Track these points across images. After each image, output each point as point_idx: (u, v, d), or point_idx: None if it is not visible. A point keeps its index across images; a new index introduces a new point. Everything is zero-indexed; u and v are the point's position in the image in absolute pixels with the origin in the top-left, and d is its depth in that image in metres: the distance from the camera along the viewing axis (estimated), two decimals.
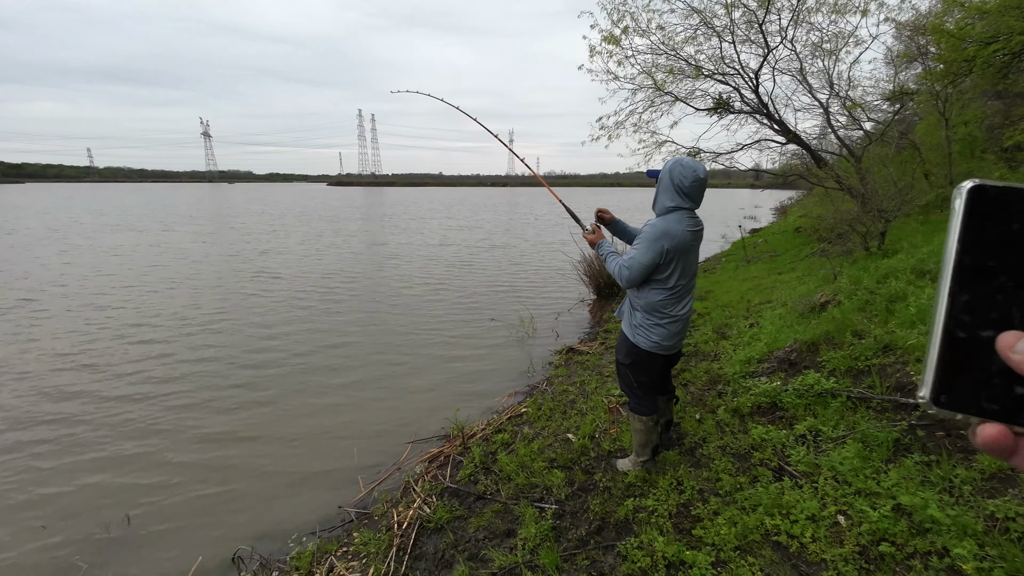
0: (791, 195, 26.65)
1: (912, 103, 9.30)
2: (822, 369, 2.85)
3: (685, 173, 2.02)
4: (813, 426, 2.43)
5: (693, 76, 8.63)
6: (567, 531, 2.19)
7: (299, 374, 4.90)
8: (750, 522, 1.90)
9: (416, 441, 3.66)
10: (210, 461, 3.46)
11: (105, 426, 3.89)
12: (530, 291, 8.47)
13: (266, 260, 11.66)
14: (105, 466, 3.39)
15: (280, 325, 6.52)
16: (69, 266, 10.46)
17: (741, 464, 2.38)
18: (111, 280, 9.13)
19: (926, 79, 7.92)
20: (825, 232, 6.38)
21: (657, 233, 2.02)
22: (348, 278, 9.62)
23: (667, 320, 2.14)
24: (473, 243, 14.99)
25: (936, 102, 8.48)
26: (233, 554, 2.58)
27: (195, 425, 3.91)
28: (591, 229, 2.35)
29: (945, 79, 6.73)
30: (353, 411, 4.17)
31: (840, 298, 3.63)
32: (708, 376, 3.56)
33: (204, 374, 4.88)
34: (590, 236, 2.33)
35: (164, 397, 4.37)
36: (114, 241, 14.74)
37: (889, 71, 9.64)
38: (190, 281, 9.16)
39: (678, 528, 2.02)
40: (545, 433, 3.24)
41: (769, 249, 9.65)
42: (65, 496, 3.11)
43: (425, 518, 2.52)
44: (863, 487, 1.92)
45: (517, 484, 2.66)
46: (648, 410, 2.34)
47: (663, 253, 2.01)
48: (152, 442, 3.68)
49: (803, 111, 9.39)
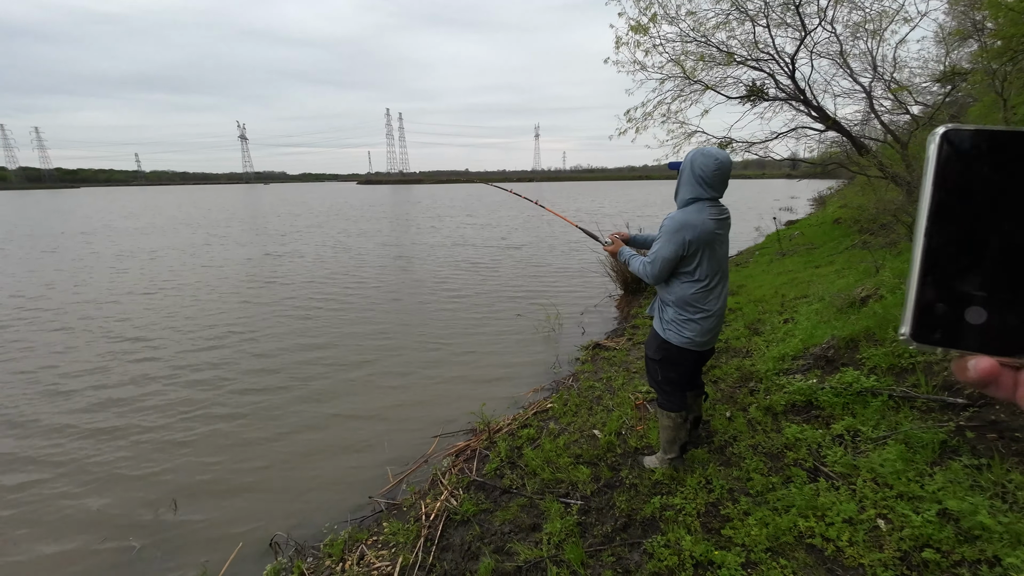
0: (830, 185, 25.45)
1: (965, 84, 8.70)
2: (862, 367, 2.72)
3: (707, 162, 1.98)
4: (851, 426, 2.33)
5: (724, 63, 8.34)
6: (592, 527, 2.18)
7: (331, 370, 5.05)
8: (782, 523, 1.85)
9: (443, 435, 3.72)
10: (248, 452, 3.62)
11: (154, 412, 4.13)
12: (555, 287, 8.43)
13: (294, 257, 12.04)
14: (154, 452, 3.61)
15: (311, 320, 6.74)
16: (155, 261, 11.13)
17: (773, 464, 2.31)
18: (174, 273, 9.66)
19: (981, 57, 7.39)
20: (867, 223, 6.06)
21: (677, 225, 1.99)
22: (376, 272, 9.83)
23: (700, 315, 2.09)
24: (495, 239, 15.03)
25: (993, 82, 7.91)
26: (270, 540, 2.70)
27: (233, 419, 4.11)
28: (609, 240, 2.39)
29: (1003, 56, 6.25)
30: (382, 405, 4.27)
31: (882, 292, 3.45)
32: (739, 373, 3.46)
33: (238, 370, 5.10)
34: (610, 247, 2.39)
35: (205, 392, 4.60)
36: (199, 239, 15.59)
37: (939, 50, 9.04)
38: (236, 274, 9.57)
39: (706, 527, 1.98)
40: (571, 429, 3.24)
41: (806, 242, 9.27)
42: (120, 480, 3.32)
43: (452, 510, 2.56)
44: (905, 490, 1.83)
45: (542, 479, 2.66)
46: (677, 406, 2.30)
47: (685, 245, 1.98)
48: (197, 432, 3.89)
49: (843, 96, 8.91)
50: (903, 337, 0.33)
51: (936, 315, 0.32)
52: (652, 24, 7.70)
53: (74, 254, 12.91)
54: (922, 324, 0.33)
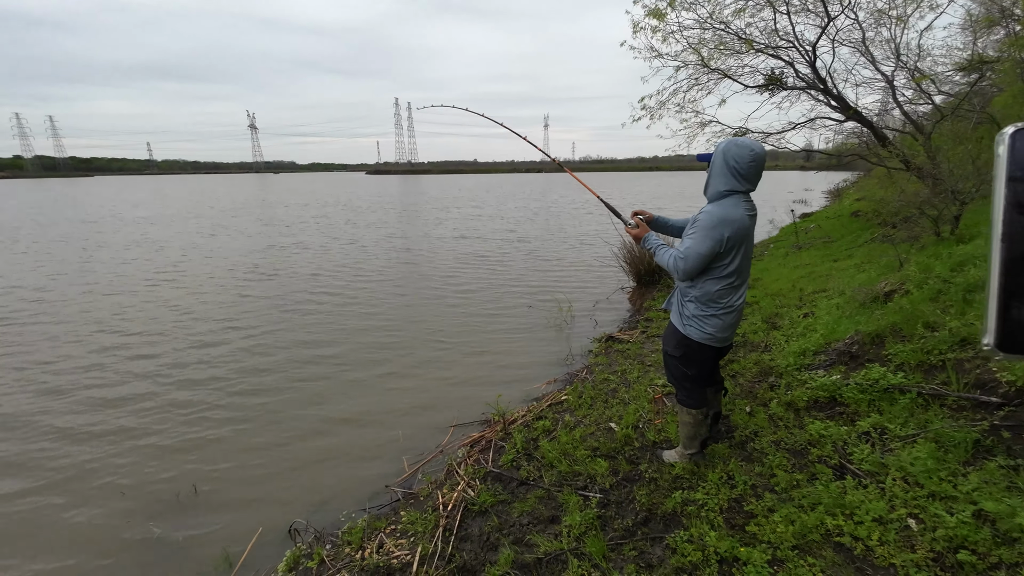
0: (845, 177, 24.97)
1: (991, 73, 8.41)
2: (888, 363, 2.66)
3: (741, 153, 1.90)
4: (878, 423, 2.28)
5: (743, 51, 8.15)
6: (613, 520, 2.17)
7: (347, 361, 5.08)
8: (809, 521, 1.82)
9: (458, 425, 3.73)
10: (266, 442, 3.65)
11: (174, 405, 4.19)
12: (566, 279, 8.39)
13: (308, 248, 12.10)
14: (175, 439, 3.66)
15: (326, 311, 6.77)
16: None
17: (797, 460, 2.27)
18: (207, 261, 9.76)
19: (1012, 46, 7.13)
20: (889, 216, 5.92)
21: (715, 220, 1.91)
22: (384, 265, 9.84)
23: (723, 311, 2.04)
24: (506, 231, 14.97)
25: (1020, 71, 7.63)
26: (290, 526, 2.72)
27: (251, 410, 4.15)
28: (634, 223, 2.25)
29: None
30: (397, 396, 4.29)
31: (908, 287, 3.37)
32: (758, 368, 3.41)
33: (256, 361, 5.15)
34: (634, 231, 2.22)
35: (225, 381, 4.65)
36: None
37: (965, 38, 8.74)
38: (249, 265, 9.65)
39: (730, 523, 1.96)
40: (587, 421, 3.22)
41: (822, 235, 9.10)
42: (143, 465, 3.37)
43: (470, 501, 2.57)
44: (937, 490, 1.79)
45: (560, 471, 2.65)
46: (697, 403, 2.27)
47: (723, 241, 1.90)
48: (216, 418, 3.94)
49: (864, 85, 8.69)
50: (987, 347, 0.32)
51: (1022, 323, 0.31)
52: (670, 9, 7.53)
53: (80, 243, 13.07)
54: (1007, 333, 0.31)
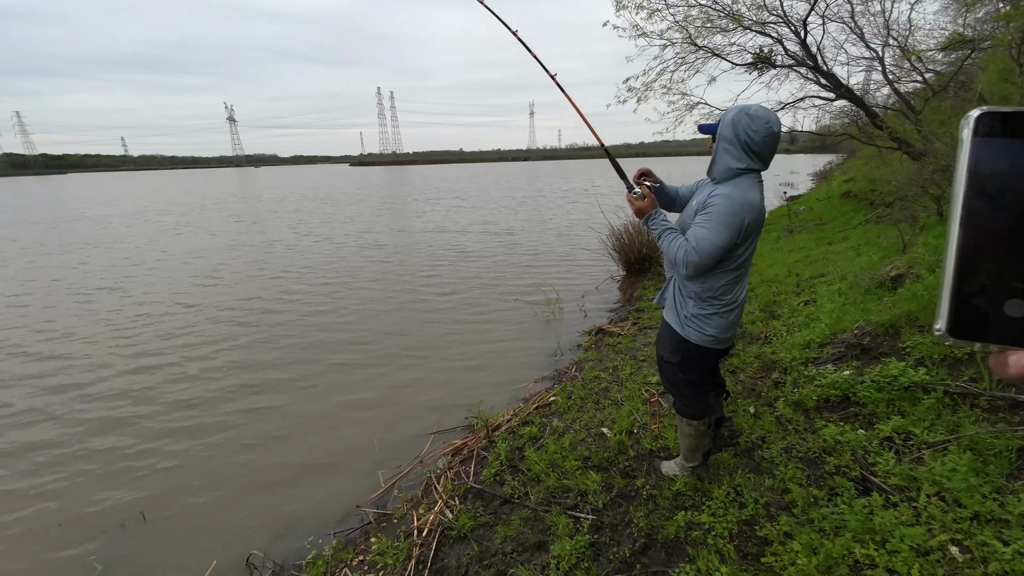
0: (829, 159, 24.92)
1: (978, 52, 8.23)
2: (906, 357, 2.42)
3: (755, 125, 1.55)
4: (901, 427, 2.04)
5: (730, 28, 7.84)
6: (607, 548, 1.91)
7: (316, 360, 4.74)
8: (835, 550, 1.56)
9: (439, 432, 3.45)
10: (224, 454, 3.33)
11: (117, 423, 3.81)
12: (554, 269, 8.09)
13: (282, 245, 11.63)
14: (121, 462, 3.31)
15: (296, 306, 6.39)
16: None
17: (812, 472, 2.02)
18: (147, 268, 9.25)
19: (997, 22, 6.91)
20: (888, 196, 5.71)
21: (734, 206, 1.56)
22: (374, 257, 9.45)
23: (725, 308, 1.75)
24: (492, 221, 14.61)
25: (1010, 49, 7.44)
26: (247, 558, 2.43)
27: (209, 418, 3.80)
28: (641, 193, 1.77)
29: None
30: (372, 399, 3.98)
31: (918, 271, 3.13)
32: (760, 362, 3.17)
33: (214, 365, 4.78)
34: (639, 203, 1.75)
35: (177, 391, 4.28)
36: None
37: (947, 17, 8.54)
38: (211, 262, 9.18)
39: (742, 552, 1.70)
40: (576, 426, 2.95)
41: (814, 217, 8.92)
42: (82, 492, 3.03)
43: (447, 525, 2.29)
44: (982, 511, 1.54)
45: (547, 487, 2.38)
46: (699, 413, 1.99)
47: (743, 231, 1.59)
48: (166, 439, 3.58)
49: (852, 63, 8.46)
50: (939, 332, 0.31)
51: (974, 309, 0.30)
52: None
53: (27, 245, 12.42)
54: (959, 319, 0.30)
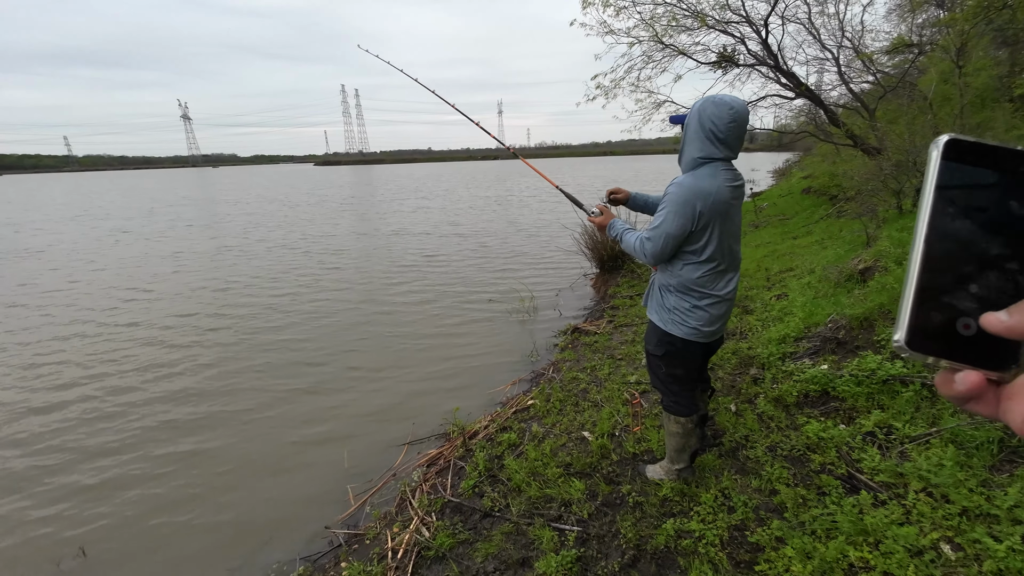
0: (788, 157, 25.93)
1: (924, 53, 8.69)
2: (882, 350, 2.43)
3: (719, 112, 1.56)
4: (882, 421, 2.03)
5: (695, 27, 7.96)
6: (595, 563, 1.81)
7: (281, 366, 4.47)
8: (828, 554, 1.51)
9: (413, 442, 3.28)
10: (178, 476, 3.06)
11: (52, 448, 3.45)
12: (527, 267, 8.00)
13: (238, 248, 11.08)
14: (55, 492, 2.98)
15: (257, 308, 6.05)
16: None
17: (798, 470, 1.99)
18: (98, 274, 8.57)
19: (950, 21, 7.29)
20: (849, 191, 5.90)
21: (686, 193, 1.58)
22: (333, 264, 9.09)
23: (708, 301, 1.72)
24: (462, 221, 14.41)
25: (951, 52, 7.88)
26: None
27: (159, 436, 3.50)
28: (597, 211, 1.94)
29: (976, 17, 6.11)
30: (339, 410, 3.76)
31: (885, 263, 3.19)
32: (737, 358, 3.15)
33: (163, 376, 4.44)
34: (598, 219, 1.93)
35: (124, 409, 3.94)
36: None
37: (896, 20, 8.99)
38: (169, 271, 8.62)
39: (734, 560, 1.63)
40: (556, 431, 2.85)
41: (777, 212, 9.18)
42: (13, 523, 2.70)
43: (424, 544, 2.14)
44: (971, 506, 1.53)
45: (529, 497, 2.27)
46: (686, 410, 1.93)
47: (695, 218, 1.58)
48: (105, 465, 3.26)
49: (810, 63, 8.77)
50: (897, 344, 0.32)
51: (931, 324, 0.31)
52: None
53: None
54: (917, 332, 0.31)
